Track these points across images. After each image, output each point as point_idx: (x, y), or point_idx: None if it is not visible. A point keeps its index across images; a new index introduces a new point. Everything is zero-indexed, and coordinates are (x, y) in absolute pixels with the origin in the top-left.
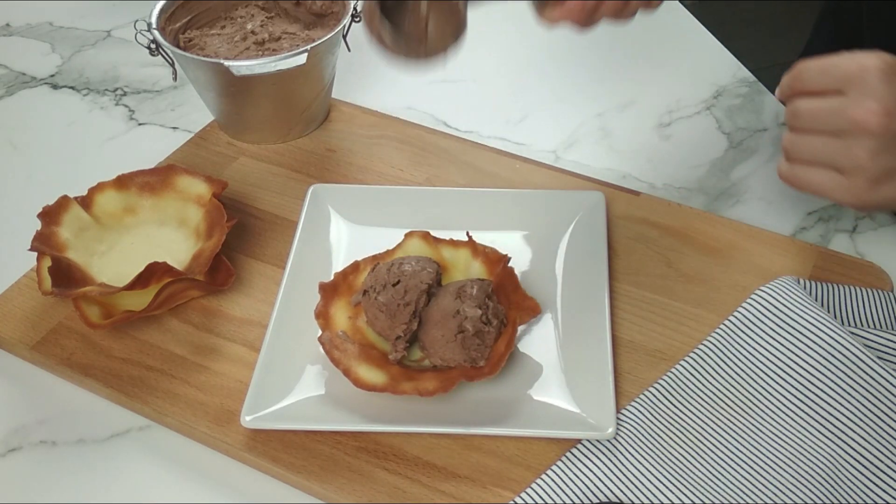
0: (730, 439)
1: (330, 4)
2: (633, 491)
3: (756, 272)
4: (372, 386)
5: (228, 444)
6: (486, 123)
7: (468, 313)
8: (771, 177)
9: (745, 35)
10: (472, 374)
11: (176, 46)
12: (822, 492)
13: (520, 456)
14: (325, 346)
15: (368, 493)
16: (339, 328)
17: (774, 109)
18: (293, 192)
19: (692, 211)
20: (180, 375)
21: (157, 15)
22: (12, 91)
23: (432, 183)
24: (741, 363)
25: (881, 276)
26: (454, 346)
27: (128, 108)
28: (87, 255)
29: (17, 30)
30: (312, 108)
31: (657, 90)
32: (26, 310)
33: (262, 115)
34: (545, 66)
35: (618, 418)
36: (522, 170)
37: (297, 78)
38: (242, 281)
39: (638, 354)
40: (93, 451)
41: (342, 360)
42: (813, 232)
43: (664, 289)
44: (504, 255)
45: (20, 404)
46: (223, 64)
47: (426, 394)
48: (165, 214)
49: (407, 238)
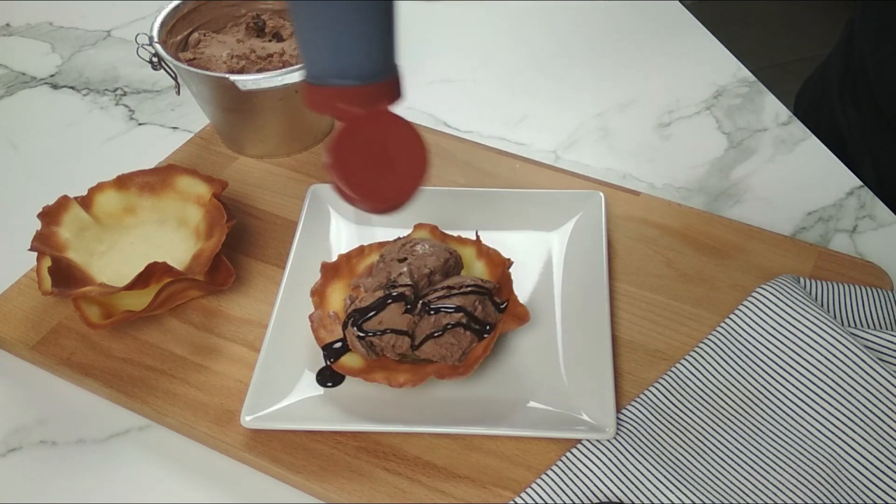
0: (730, 439)
1: None
2: (633, 491)
3: (756, 272)
4: (348, 370)
5: (228, 444)
6: (486, 123)
7: (449, 311)
8: (771, 177)
9: (745, 35)
10: (444, 373)
11: (178, 60)
12: (822, 492)
13: (520, 456)
14: (313, 325)
15: (368, 493)
16: (332, 308)
17: (774, 109)
18: (293, 192)
19: (692, 211)
20: (180, 375)
21: (159, 28)
22: (12, 91)
23: (432, 183)
24: (741, 363)
25: (881, 276)
26: (430, 341)
27: (128, 108)
28: (87, 255)
29: (17, 30)
30: (318, 122)
31: (657, 90)
32: (26, 310)
33: (268, 130)
34: (545, 66)
35: (618, 418)
36: (522, 170)
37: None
38: (242, 281)
39: (638, 354)
40: (93, 451)
41: (326, 339)
42: (813, 232)
43: (664, 289)
44: (506, 260)
45: (20, 404)
46: (228, 78)
47: (396, 385)
48: (165, 214)
49: (416, 230)
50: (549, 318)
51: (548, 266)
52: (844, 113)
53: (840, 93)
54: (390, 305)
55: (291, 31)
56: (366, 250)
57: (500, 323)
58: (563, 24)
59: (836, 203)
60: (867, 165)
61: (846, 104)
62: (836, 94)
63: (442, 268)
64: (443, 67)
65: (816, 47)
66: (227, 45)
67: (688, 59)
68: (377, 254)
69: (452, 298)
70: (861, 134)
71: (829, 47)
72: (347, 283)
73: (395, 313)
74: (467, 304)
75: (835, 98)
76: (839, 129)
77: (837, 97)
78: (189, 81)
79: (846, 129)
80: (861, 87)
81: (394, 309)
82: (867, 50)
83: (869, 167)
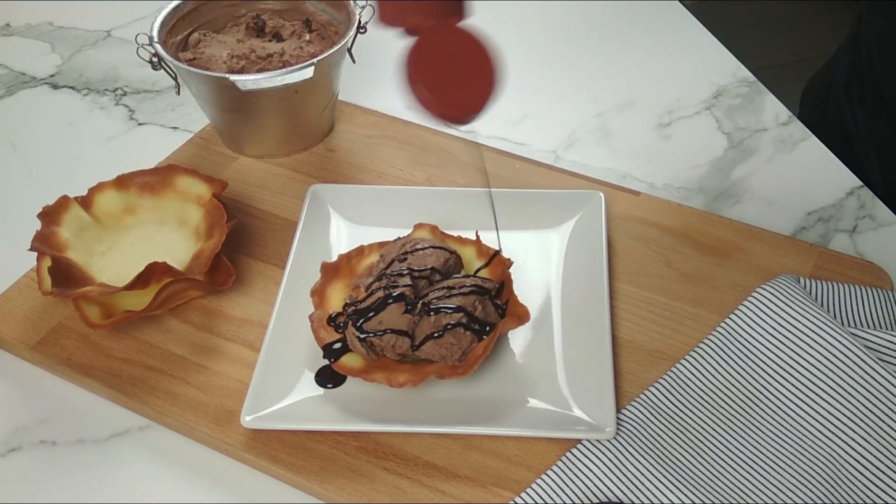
0: (730, 439)
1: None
2: (633, 491)
3: (756, 272)
4: (348, 370)
5: (228, 444)
6: (486, 123)
7: (449, 311)
8: (771, 177)
9: (745, 35)
10: (444, 373)
11: (178, 60)
12: (822, 492)
13: (520, 456)
14: (313, 325)
15: (368, 493)
16: (332, 309)
17: (774, 109)
18: (293, 192)
19: (692, 211)
20: (180, 375)
21: (159, 28)
22: (12, 91)
23: (432, 183)
24: (741, 363)
25: (881, 275)
26: (430, 341)
27: (128, 108)
28: (87, 255)
29: (17, 30)
30: (318, 121)
31: (657, 90)
32: (26, 310)
33: (268, 130)
34: (545, 66)
35: (618, 418)
36: (522, 170)
37: (303, 92)
38: (242, 281)
39: (638, 354)
40: (93, 451)
41: (326, 339)
42: (813, 232)
43: (664, 289)
44: (506, 260)
45: (20, 404)
46: (228, 78)
47: (396, 385)
48: (165, 214)
49: (416, 230)
50: (549, 317)
51: (548, 266)
52: (851, 110)
53: (847, 90)
54: (390, 305)
55: (291, 30)
56: (366, 250)
57: (500, 323)
58: (563, 23)
59: (836, 203)
60: (872, 161)
61: (853, 101)
62: (843, 90)
63: (442, 268)
64: None
65: (816, 47)
66: (227, 45)
67: (688, 59)
68: (377, 254)
69: (452, 298)
70: (867, 130)
71: (829, 47)
72: (347, 283)
73: (395, 313)
74: (467, 304)
75: (841, 95)
76: (845, 126)
77: (844, 94)
78: (189, 81)
79: (852, 125)
80: (868, 84)
81: (394, 309)
82: (875, 47)
83: (874, 163)
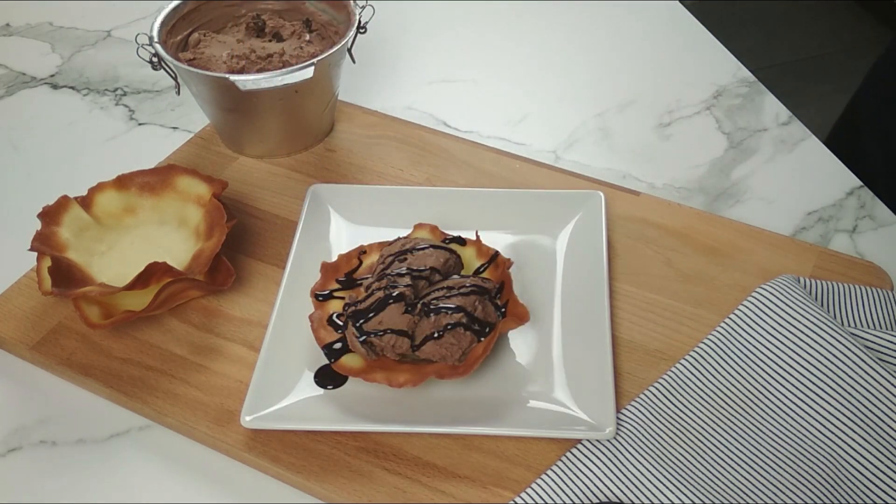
0: (729, 439)
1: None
2: (633, 491)
3: (756, 272)
4: (348, 370)
5: (228, 444)
6: (486, 123)
7: (449, 311)
8: (771, 177)
9: (745, 35)
10: (444, 373)
11: (178, 60)
12: (822, 492)
13: (520, 456)
14: (313, 325)
15: (368, 493)
16: (332, 309)
17: (774, 109)
18: (293, 192)
19: (692, 211)
20: (180, 375)
21: (158, 28)
22: (12, 91)
23: (432, 183)
24: (741, 363)
25: (881, 276)
26: (430, 341)
27: (128, 108)
28: (87, 255)
29: (17, 30)
30: (318, 121)
31: (657, 90)
32: (26, 310)
33: (268, 130)
34: (545, 66)
35: (618, 418)
36: (522, 170)
37: (303, 92)
38: (242, 281)
39: (638, 354)
40: (93, 451)
41: (326, 339)
42: (813, 232)
43: (664, 289)
44: (506, 260)
45: (20, 404)
46: (228, 78)
47: (396, 385)
48: (165, 214)
49: (416, 229)
50: (548, 318)
51: (548, 266)
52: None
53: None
54: (390, 306)
55: (291, 30)
56: (366, 250)
57: (499, 323)
58: (562, 23)
59: (836, 203)
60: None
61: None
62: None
63: (442, 268)
64: (443, 67)
65: (816, 47)
66: (227, 45)
67: (688, 59)
68: (377, 254)
69: (452, 298)
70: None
71: (829, 47)
72: None
73: (395, 313)
74: (467, 304)
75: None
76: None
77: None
78: (189, 81)
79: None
80: None
81: (394, 309)
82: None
83: None
